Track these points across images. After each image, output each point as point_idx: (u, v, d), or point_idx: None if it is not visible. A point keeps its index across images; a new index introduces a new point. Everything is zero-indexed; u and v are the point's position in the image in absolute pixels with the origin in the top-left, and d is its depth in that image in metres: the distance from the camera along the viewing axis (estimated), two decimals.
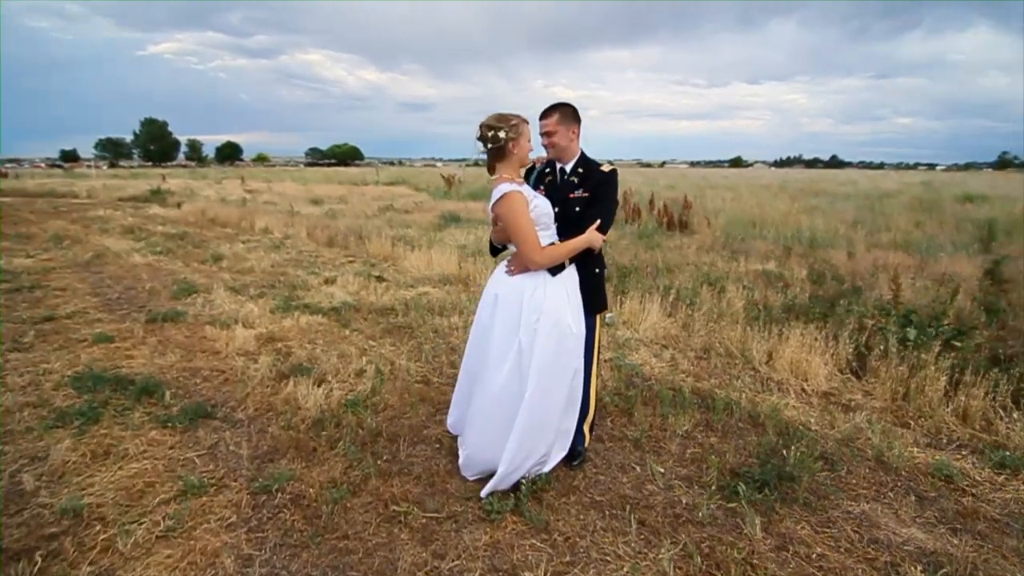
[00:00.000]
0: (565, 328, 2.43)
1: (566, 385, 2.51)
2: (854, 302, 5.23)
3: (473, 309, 5.49)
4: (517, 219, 2.30)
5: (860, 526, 2.39)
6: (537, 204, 2.43)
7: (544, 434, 2.52)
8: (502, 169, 2.41)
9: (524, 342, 2.43)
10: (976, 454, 2.99)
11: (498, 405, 2.49)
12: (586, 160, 2.59)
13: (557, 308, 2.44)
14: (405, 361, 4.11)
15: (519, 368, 2.45)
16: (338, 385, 3.60)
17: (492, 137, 2.32)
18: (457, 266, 7.25)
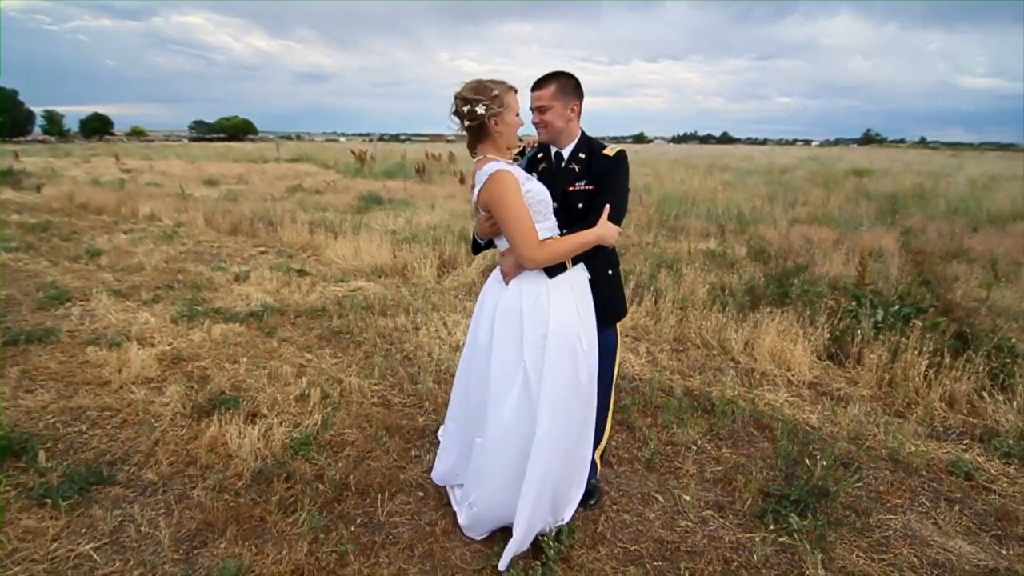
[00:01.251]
0: (576, 343, 1.96)
1: (582, 413, 2.05)
2: (807, 282, 5.22)
3: (420, 307, 4.88)
4: (509, 205, 1.81)
5: (912, 545, 2.17)
6: (530, 188, 1.91)
7: (565, 476, 2.06)
8: (485, 150, 1.93)
9: (530, 363, 1.94)
10: (978, 443, 2.93)
11: (507, 445, 1.98)
12: (588, 143, 2.08)
13: (566, 319, 1.96)
14: (355, 379, 3.45)
15: (528, 395, 1.96)
16: (277, 419, 2.90)
17: (469, 112, 1.84)
18: (391, 255, 6.52)
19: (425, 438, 2.81)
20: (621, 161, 2.04)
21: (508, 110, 1.88)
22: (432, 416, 3.04)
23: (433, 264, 6.16)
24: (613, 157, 2.03)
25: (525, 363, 1.96)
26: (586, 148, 2.07)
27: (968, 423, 3.14)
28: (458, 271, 6.13)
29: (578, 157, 2.06)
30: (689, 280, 5.37)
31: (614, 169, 2.03)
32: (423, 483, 2.45)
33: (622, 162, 2.04)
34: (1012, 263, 6.27)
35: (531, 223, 1.84)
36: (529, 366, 1.95)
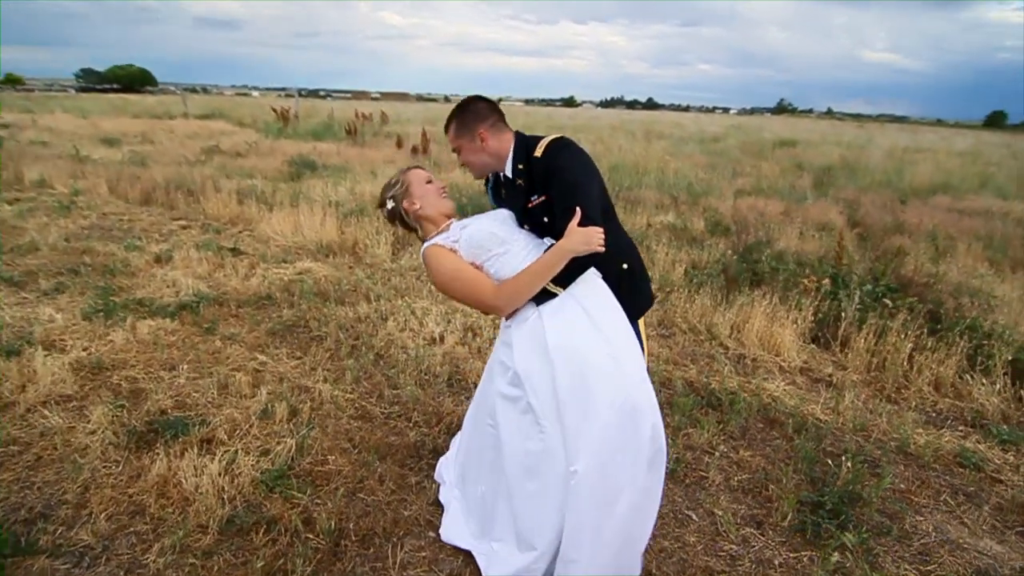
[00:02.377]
0: (585, 363, 1.66)
1: (623, 449, 1.74)
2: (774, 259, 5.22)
3: (382, 292, 4.42)
4: (444, 275, 1.74)
5: (952, 551, 2.11)
6: (467, 235, 1.76)
7: (625, 527, 1.76)
8: (426, 231, 1.87)
9: (539, 392, 1.68)
10: (971, 428, 2.97)
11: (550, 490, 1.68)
12: (524, 149, 1.79)
13: (567, 337, 1.67)
14: (325, 386, 3.00)
15: (542, 428, 1.68)
16: (240, 446, 2.42)
17: (389, 212, 1.88)
18: (338, 230, 5.90)
19: (422, 458, 2.45)
20: (555, 155, 1.74)
21: (411, 187, 1.83)
22: (423, 430, 2.67)
23: (387, 241, 5.63)
24: (543, 156, 1.74)
25: (529, 394, 1.68)
26: (523, 157, 1.79)
27: (955, 407, 3.19)
28: (415, 249, 5.64)
29: (519, 170, 1.80)
30: (661, 259, 5.21)
31: (551, 168, 1.73)
32: (431, 519, 2.10)
33: (556, 156, 1.74)
34: (947, 238, 6.63)
35: (473, 278, 1.71)
36: (536, 396, 1.67)
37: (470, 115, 1.79)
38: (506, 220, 1.85)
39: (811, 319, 3.94)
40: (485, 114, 1.79)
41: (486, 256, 1.75)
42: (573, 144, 1.77)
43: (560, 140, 1.76)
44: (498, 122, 1.81)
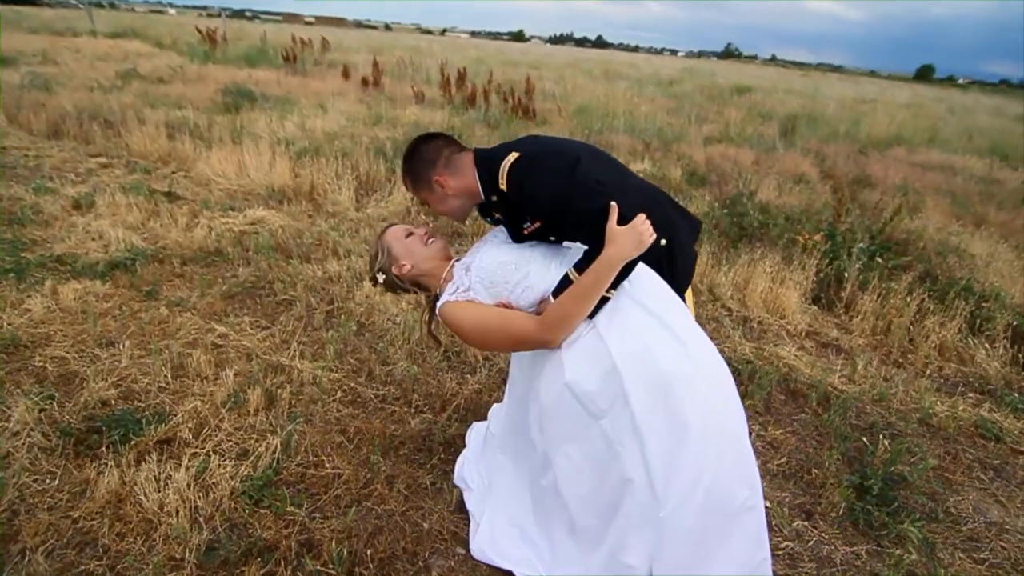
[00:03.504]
0: (657, 373, 1.35)
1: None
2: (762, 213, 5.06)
3: (354, 248, 3.92)
4: (472, 332, 1.47)
5: (1000, 536, 2.04)
6: (479, 265, 1.51)
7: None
8: (431, 285, 1.62)
9: (611, 421, 1.39)
10: (983, 396, 2.94)
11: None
12: (489, 181, 1.49)
13: (636, 341, 1.37)
14: (303, 364, 2.57)
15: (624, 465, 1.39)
16: (211, 447, 2.00)
17: (385, 283, 1.63)
18: (291, 173, 5.22)
19: (432, 452, 2.12)
20: (521, 185, 1.42)
21: (393, 248, 1.58)
22: (427, 416, 2.33)
23: (350, 186, 5.03)
24: (510, 189, 1.44)
25: (596, 420, 1.37)
26: (492, 188, 1.49)
27: (961, 372, 3.16)
28: (381, 194, 5.09)
29: (493, 203, 1.53)
30: None
31: (526, 199, 1.44)
32: (456, 530, 1.80)
33: (523, 185, 1.42)
34: (914, 192, 6.70)
35: (503, 321, 1.44)
36: (606, 420, 1.37)
37: (419, 165, 1.51)
38: (510, 239, 1.58)
39: (813, 280, 3.81)
40: (432, 156, 1.50)
41: (509, 289, 1.47)
42: (537, 156, 1.43)
43: (519, 163, 1.43)
44: (450, 157, 1.51)
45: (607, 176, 1.43)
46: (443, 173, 1.49)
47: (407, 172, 1.53)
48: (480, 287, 1.48)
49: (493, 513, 1.74)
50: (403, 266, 1.57)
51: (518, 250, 1.53)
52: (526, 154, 1.43)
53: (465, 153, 1.52)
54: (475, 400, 2.43)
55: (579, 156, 1.41)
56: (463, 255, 1.61)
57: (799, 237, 4.31)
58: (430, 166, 1.49)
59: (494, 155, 1.49)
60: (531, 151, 1.45)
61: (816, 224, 4.63)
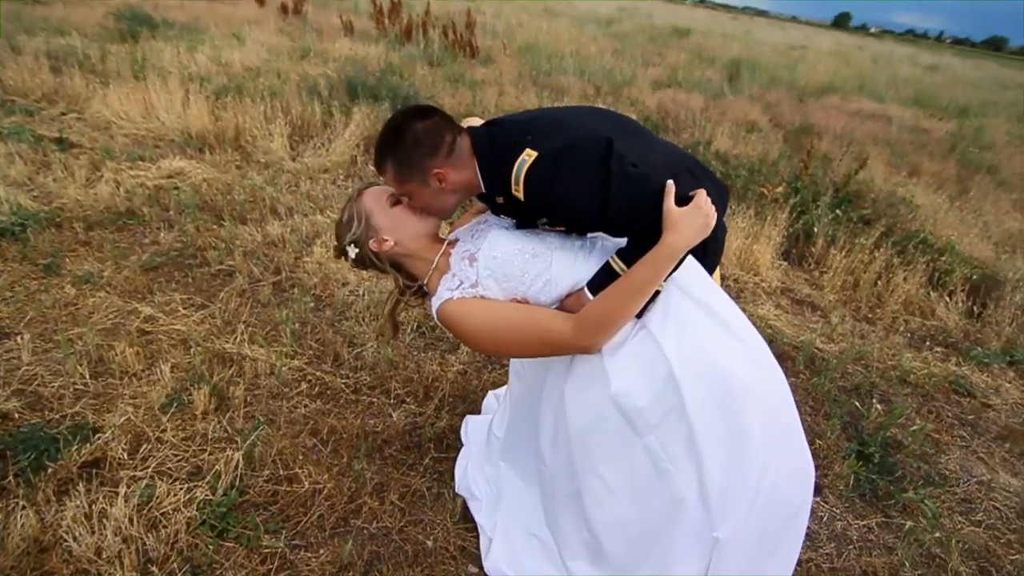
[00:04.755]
0: (715, 371, 1.16)
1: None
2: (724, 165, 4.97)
3: (296, 205, 3.46)
4: (484, 336, 1.19)
5: (988, 495, 2.09)
6: (495, 255, 1.21)
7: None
8: (417, 270, 1.30)
9: (660, 437, 1.18)
10: (948, 350, 3.03)
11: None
12: (495, 182, 1.18)
13: (692, 335, 1.18)
14: (255, 350, 2.20)
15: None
16: (155, 467, 1.64)
17: (356, 259, 1.29)
18: (210, 115, 4.51)
19: (423, 451, 1.86)
20: (543, 190, 1.12)
21: (374, 216, 1.25)
22: (410, 407, 2.05)
23: (282, 132, 4.42)
24: (529, 198, 1.14)
25: (649, 442, 1.17)
26: (497, 189, 1.20)
27: (924, 325, 3.24)
28: (319, 141, 4.53)
29: (501, 205, 1.25)
30: None
31: (551, 207, 1.16)
32: (463, 543, 1.58)
33: (547, 190, 1.12)
34: (856, 142, 6.85)
35: (529, 322, 1.16)
36: (657, 434, 1.17)
37: (413, 152, 1.15)
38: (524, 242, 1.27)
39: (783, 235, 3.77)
40: (433, 141, 1.15)
41: (527, 283, 1.20)
42: (560, 155, 1.09)
43: (539, 166, 1.09)
44: (454, 143, 1.16)
45: (637, 150, 1.13)
46: (444, 164, 1.16)
47: (392, 158, 1.16)
48: (491, 281, 1.20)
49: (507, 524, 1.53)
50: (384, 241, 1.25)
51: (534, 235, 1.25)
52: (545, 152, 1.09)
53: (464, 137, 1.18)
54: (461, 384, 2.18)
55: (608, 139, 1.09)
56: (458, 239, 1.31)
57: (764, 190, 4.25)
58: (429, 154, 1.14)
59: (499, 149, 1.15)
60: (550, 148, 1.10)
61: (777, 176, 4.59)
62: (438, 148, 1.14)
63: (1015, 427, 2.47)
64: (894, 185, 5.21)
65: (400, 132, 1.14)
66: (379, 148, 1.18)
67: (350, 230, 1.26)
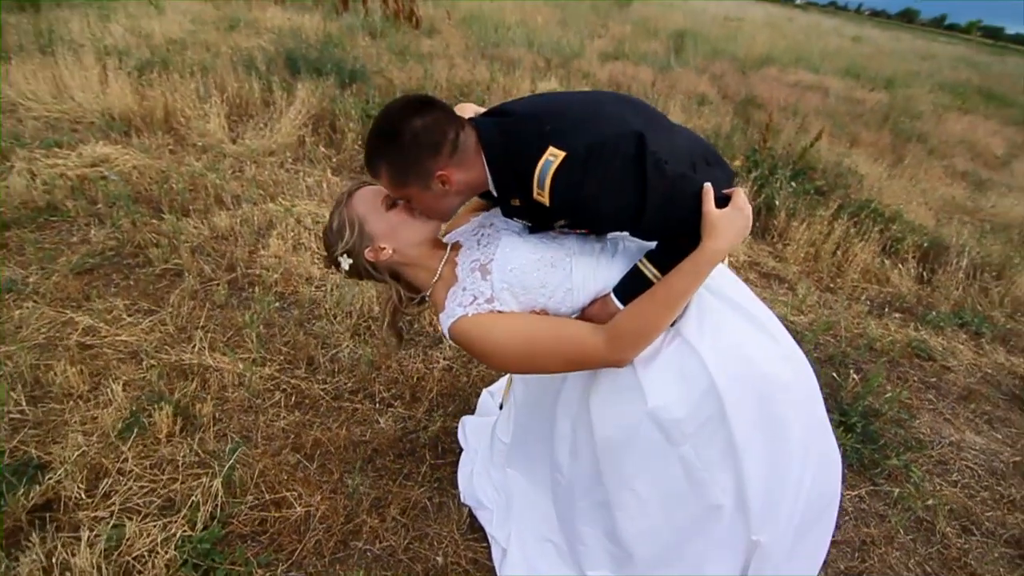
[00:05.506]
0: (780, 373, 1.13)
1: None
2: None
3: (243, 192, 3.20)
4: (507, 355, 1.08)
5: (960, 455, 2.20)
6: (513, 267, 1.09)
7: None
8: (418, 279, 1.18)
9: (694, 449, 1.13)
10: (907, 316, 3.17)
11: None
12: (510, 182, 1.05)
13: (730, 337, 1.13)
14: (213, 356, 1.99)
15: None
16: (120, 503, 1.45)
17: (350, 270, 1.15)
18: (134, 93, 4.06)
19: (420, 458, 1.75)
20: (573, 192, 0.99)
21: (369, 223, 1.12)
22: (399, 410, 1.92)
23: (218, 111, 4.05)
24: (556, 204, 1.01)
25: (684, 452, 1.12)
26: (513, 191, 1.06)
27: (882, 293, 3.38)
28: (261, 120, 4.19)
29: (515, 207, 1.11)
30: None
31: (580, 212, 1.03)
32: (476, 556, 1.50)
33: (577, 191, 0.98)
34: (800, 113, 7.05)
35: (553, 334, 1.06)
36: (694, 444, 1.12)
37: (413, 151, 1.00)
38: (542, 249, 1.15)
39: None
40: (435, 138, 1.00)
41: (547, 295, 1.10)
42: (591, 154, 0.97)
43: (568, 167, 0.96)
44: (457, 140, 1.01)
45: (665, 144, 1.01)
46: (448, 165, 1.02)
47: (388, 161, 1.02)
48: (507, 295, 1.09)
49: (521, 532, 1.46)
50: (383, 250, 1.12)
51: (551, 241, 1.14)
52: (575, 151, 0.96)
53: (468, 132, 1.04)
54: (449, 382, 2.07)
55: (639, 134, 0.97)
56: (460, 243, 1.19)
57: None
58: (430, 154, 1.00)
59: (515, 146, 1.01)
60: (578, 145, 0.97)
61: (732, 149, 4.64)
62: (440, 147, 1.00)
63: (973, 387, 2.62)
64: (839, 156, 5.40)
65: (395, 131, 0.99)
66: (371, 149, 1.03)
67: (342, 239, 1.11)
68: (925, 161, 5.94)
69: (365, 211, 1.11)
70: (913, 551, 1.75)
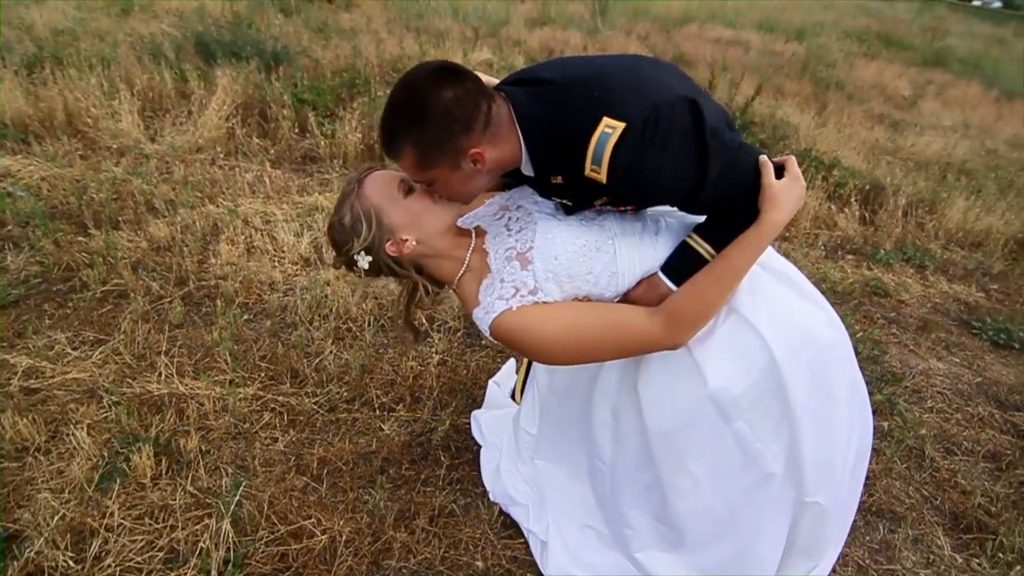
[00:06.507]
0: (831, 339, 1.15)
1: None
2: None
3: (177, 196, 2.92)
4: (558, 347, 1.00)
5: (930, 382, 2.35)
6: (556, 254, 1.02)
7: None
8: (442, 270, 1.08)
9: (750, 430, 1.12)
10: (858, 256, 3.34)
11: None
12: (553, 156, 0.97)
13: (792, 313, 1.13)
14: (182, 384, 1.80)
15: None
16: (114, 568, 1.28)
17: (369, 269, 1.04)
18: (25, 95, 3.57)
19: (434, 461, 1.66)
20: (636, 171, 0.91)
21: (387, 212, 1.00)
22: (401, 415, 1.82)
23: (130, 108, 3.64)
24: (614, 178, 0.91)
25: (738, 427, 1.10)
26: (557, 166, 0.98)
27: (832, 237, 3.55)
28: (179, 114, 3.82)
29: (557, 187, 1.02)
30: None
31: (643, 191, 0.96)
32: (515, 554, 1.45)
33: (640, 170, 0.91)
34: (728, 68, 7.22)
35: (606, 322, 1.00)
36: (748, 418, 1.11)
37: (443, 129, 0.89)
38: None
39: None
40: (468, 113, 0.90)
41: (592, 281, 1.03)
42: (651, 121, 0.88)
43: (629, 138, 0.87)
44: (490, 112, 0.92)
45: (712, 108, 0.96)
46: (482, 141, 0.92)
47: (414, 140, 0.90)
48: (551, 284, 1.01)
49: (559, 522, 1.42)
50: (406, 242, 1.01)
51: (591, 222, 1.08)
52: (633, 122, 0.88)
53: (500, 103, 0.94)
54: (448, 377, 1.98)
55: (691, 100, 0.91)
56: (483, 228, 1.11)
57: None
58: (463, 130, 0.90)
59: (561, 118, 0.91)
60: (635, 115, 0.87)
61: None
62: (473, 122, 0.90)
63: (927, 317, 2.81)
64: (771, 108, 5.59)
65: (423, 105, 0.88)
66: (392, 128, 0.91)
67: (357, 235, 0.99)
68: (846, 107, 6.26)
69: (380, 200, 0.99)
70: (910, 479, 1.86)
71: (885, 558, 1.59)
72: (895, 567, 1.57)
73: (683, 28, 10.30)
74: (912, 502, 1.78)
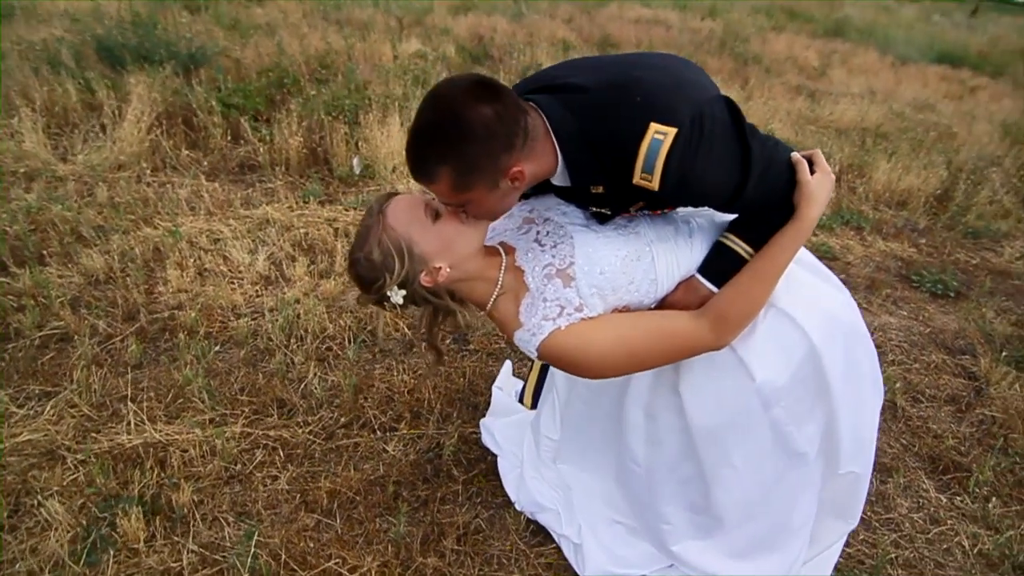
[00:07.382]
0: (855, 321, 1.19)
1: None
2: None
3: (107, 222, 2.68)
4: (610, 360, 0.98)
5: (888, 337, 2.52)
6: (602, 270, 1.00)
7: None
8: (476, 293, 1.03)
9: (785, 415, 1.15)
10: None
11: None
12: (594, 164, 0.93)
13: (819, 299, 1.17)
14: (156, 431, 1.65)
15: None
16: None
17: (405, 301, 0.97)
18: None
19: (450, 477, 1.61)
20: (686, 175, 0.88)
21: (418, 242, 0.94)
22: (402, 433, 1.74)
23: (34, 125, 3.25)
24: (667, 184, 0.88)
25: (775, 413, 1.13)
26: (598, 174, 0.94)
27: None
28: (89, 129, 3.46)
29: (596, 196, 1.01)
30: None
31: (694, 195, 0.97)
32: (549, 560, 1.43)
33: (689, 174, 0.88)
34: (655, 48, 7.39)
35: (653, 332, 0.99)
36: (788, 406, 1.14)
37: (483, 149, 0.83)
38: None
39: None
40: (511, 131, 0.84)
41: (633, 291, 1.03)
42: (697, 123, 0.85)
43: (683, 144, 0.84)
44: (527, 126, 0.87)
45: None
46: (521, 158, 0.87)
47: (453, 162, 0.84)
48: (596, 299, 0.99)
49: (590, 523, 1.41)
50: (440, 272, 0.95)
51: (626, 231, 1.06)
52: (683, 126, 0.84)
53: (534, 115, 0.89)
54: (448, 389, 1.91)
55: (725, 99, 0.91)
56: (511, 244, 1.07)
57: None
58: (505, 149, 0.84)
59: (606, 126, 0.87)
60: (683, 118, 0.84)
61: None
62: (515, 138, 0.85)
63: (872, 276, 3.01)
64: None
65: (462, 123, 0.81)
66: (426, 151, 0.84)
67: (391, 271, 0.92)
68: (766, 80, 6.57)
69: (408, 229, 0.92)
70: (889, 430, 2.00)
71: (883, 508, 1.70)
72: (892, 515, 1.68)
73: (603, 9, 10.44)
74: (895, 452, 1.91)
